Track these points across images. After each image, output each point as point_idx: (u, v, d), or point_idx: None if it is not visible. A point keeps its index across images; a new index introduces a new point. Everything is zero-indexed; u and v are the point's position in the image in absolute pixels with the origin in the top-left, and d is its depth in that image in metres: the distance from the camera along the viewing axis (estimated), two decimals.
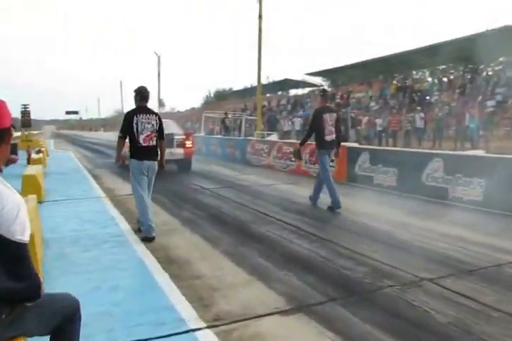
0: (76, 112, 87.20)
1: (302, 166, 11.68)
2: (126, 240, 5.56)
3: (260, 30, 19.62)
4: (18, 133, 23.76)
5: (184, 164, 12.54)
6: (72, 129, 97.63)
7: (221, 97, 65.26)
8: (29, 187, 8.04)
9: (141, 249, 5.20)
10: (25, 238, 1.75)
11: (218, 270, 4.51)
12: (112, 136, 42.92)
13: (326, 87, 46.56)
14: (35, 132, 40.63)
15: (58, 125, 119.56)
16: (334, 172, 10.40)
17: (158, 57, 38.96)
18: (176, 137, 11.87)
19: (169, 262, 4.76)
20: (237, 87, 64.96)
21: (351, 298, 3.79)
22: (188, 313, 3.47)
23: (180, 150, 12.01)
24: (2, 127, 1.80)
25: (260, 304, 3.65)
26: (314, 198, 7.71)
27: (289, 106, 37.10)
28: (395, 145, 18.97)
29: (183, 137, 12.19)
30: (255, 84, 55.05)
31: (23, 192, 8.01)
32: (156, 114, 5.73)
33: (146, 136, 5.57)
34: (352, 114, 22.57)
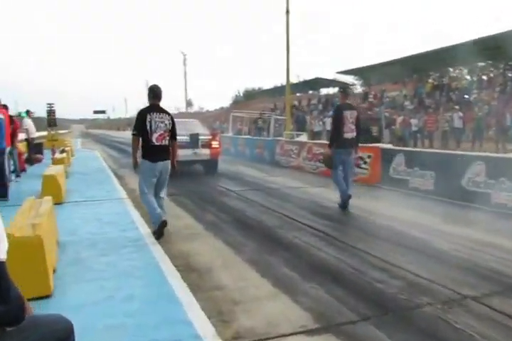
0: (103, 111, 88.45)
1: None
2: (145, 244, 5.38)
3: (288, 25, 19.31)
4: (44, 133, 24.12)
5: (210, 165, 12.35)
6: (100, 128, 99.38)
7: (250, 96, 65.07)
8: (49, 187, 8.00)
9: (159, 254, 5.01)
10: (2, 256, 1.55)
11: (241, 280, 4.28)
12: None
13: (357, 86, 46.03)
14: (63, 131, 41.40)
15: (87, 124, 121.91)
16: (367, 175, 10.08)
17: (184, 56, 39.28)
18: (201, 137, 11.72)
19: (189, 270, 4.56)
20: (267, 86, 64.77)
21: (385, 317, 3.49)
22: (205, 329, 3.25)
23: (206, 151, 11.79)
24: None
25: (285, 321, 3.40)
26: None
27: (320, 106, 36.62)
28: (431, 147, 18.37)
29: (209, 137, 12.00)
30: (285, 83, 54.93)
31: (43, 193, 7.99)
32: (169, 114, 5.71)
33: (160, 135, 5.53)
34: (386, 114, 22.03)
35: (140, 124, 5.51)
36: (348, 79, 41.84)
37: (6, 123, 9.36)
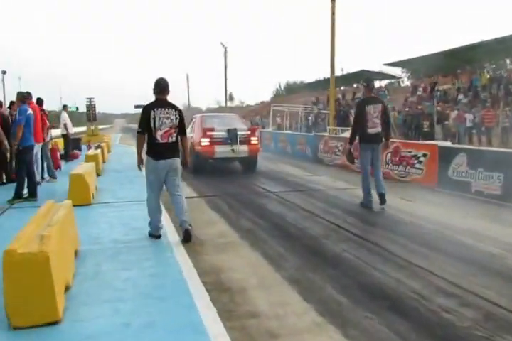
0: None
1: (383, 167, 10.52)
2: (172, 257, 4.83)
3: (333, 13, 18.41)
4: (84, 128, 24.22)
5: (249, 163, 11.75)
6: None
7: (291, 90, 64.37)
8: (76, 187, 7.62)
9: (187, 268, 4.44)
10: None
11: (280, 306, 3.65)
12: None
13: (404, 79, 44.35)
14: (103, 126, 41.88)
15: (128, 119, 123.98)
16: (422, 176, 9.23)
17: (225, 49, 38.70)
18: (239, 133, 11.11)
19: (220, 290, 3.98)
20: (309, 79, 63.79)
21: None
22: None
23: (244, 148, 11.15)
24: None
25: None
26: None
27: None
28: (489, 144, 17.13)
29: (248, 133, 11.35)
30: (328, 76, 53.77)
31: (70, 194, 7.63)
32: (176, 108, 5.44)
33: (165, 132, 5.27)
34: (438, 108, 20.83)
35: (144, 121, 5.26)
36: (396, 71, 40.45)
37: (36, 119, 9.08)
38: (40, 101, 11.19)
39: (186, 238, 5.28)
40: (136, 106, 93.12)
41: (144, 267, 4.50)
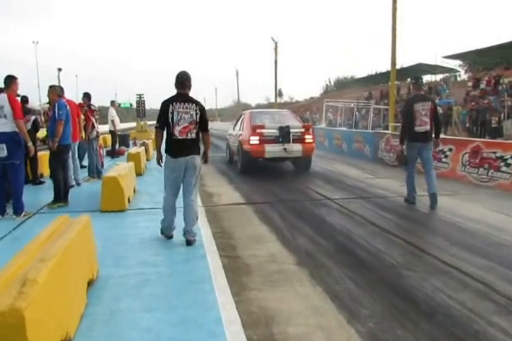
0: None
1: (458, 169, 9.01)
2: (211, 290, 3.66)
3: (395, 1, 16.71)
4: (134, 124, 23.64)
5: (302, 163, 10.59)
6: None
7: (342, 86, 62.69)
8: (109, 192, 6.65)
9: (229, 314, 3.26)
10: None
11: None
12: (228, 125, 42.72)
13: (461, 73, 41.55)
14: (153, 122, 41.65)
15: None
16: (510, 181, 7.69)
17: (276, 44, 37.34)
18: (292, 130, 9.99)
19: None
20: (359, 75, 61.56)
21: None
22: None
23: (298, 147, 9.99)
24: None
25: None
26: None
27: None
28: None
29: (302, 130, 10.22)
30: (380, 70, 51.60)
31: (102, 199, 6.67)
32: (197, 103, 5.03)
33: (184, 128, 4.92)
34: (509, 102, 18.77)
35: (162, 116, 4.93)
36: (452, 64, 37.87)
37: (73, 116, 8.22)
38: (88, 96, 10.40)
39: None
40: None
41: (172, 306, 3.36)
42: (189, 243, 4.91)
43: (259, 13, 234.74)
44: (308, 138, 10.21)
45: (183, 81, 5.00)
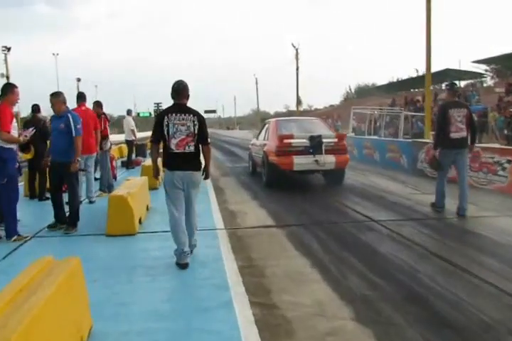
0: (214, 111, 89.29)
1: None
2: None
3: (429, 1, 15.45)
4: (150, 133, 22.76)
5: (334, 176, 9.47)
6: (210, 127, 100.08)
7: (363, 93, 61.73)
8: (116, 213, 5.67)
9: None
10: None
11: None
12: (246, 134, 41.84)
13: (487, 78, 39.99)
14: None
15: None
16: None
17: (296, 50, 36.46)
18: (325, 140, 8.91)
19: None
20: (380, 82, 60.41)
21: None
22: None
23: (331, 158, 8.87)
24: None
25: None
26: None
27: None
28: None
29: (335, 140, 9.14)
30: (401, 77, 50.31)
31: (109, 220, 5.66)
32: (195, 114, 4.63)
33: (180, 141, 4.54)
34: None
35: (157, 129, 4.58)
36: (482, 69, 36.44)
37: (88, 126, 7.32)
38: (100, 105, 9.49)
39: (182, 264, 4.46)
40: (206, 111, 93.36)
41: None
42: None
43: (276, 21, 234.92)
44: (343, 148, 9.19)
45: (179, 90, 4.62)
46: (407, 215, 6.62)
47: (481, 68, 36.06)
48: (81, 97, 7.89)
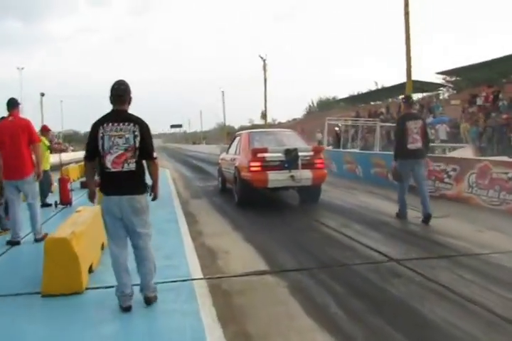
0: (180, 126, 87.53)
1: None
2: None
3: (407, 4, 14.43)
4: None
5: (310, 193, 8.45)
6: (177, 142, 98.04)
7: (325, 107, 61.57)
8: (55, 263, 3.99)
9: None
10: None
11: None
12: (212, 148, 40.18)
13: (443, 90, 39.85)
14: None
15: (165, 138, 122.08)
16: None
17: (264, 61, 35.30)
18: (301, 154, 7.95)
19: None
20: (341, 95, 60.13)
21: None
22: None
23: (308, 174, 7.90)
24: None
25: None
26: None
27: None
28: None
29: (311, 154, 8.16)
30: (361, 91, 50.06)
31: (45, 276, 3.97)
32: (137, 122, 3.57)
33: (117, 157, 3.49)
34: None
35: (90, 143, 3.56)
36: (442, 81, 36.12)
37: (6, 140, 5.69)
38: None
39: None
40: (172, 126, 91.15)
41: None
42: (149, 301, 3.66)
43: (241, 37, 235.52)
44: (320, 163, 8.21)
45: (119, 93, 3.60)
46: (429, 250, 5.14)
47: (446, 80, 35.76)
48: (10, 104, 5.99)
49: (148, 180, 3.74)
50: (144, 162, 3.69)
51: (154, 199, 3.88)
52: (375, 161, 11.34)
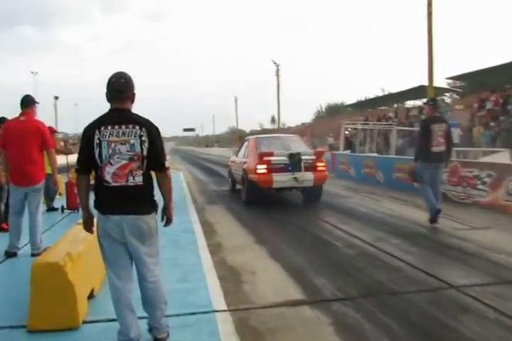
0: (193, 129, 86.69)
1: None
2: None
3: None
4: None
5: (312, 193, 8.75)
6: (189, 145, 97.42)
7: (333, 111, 60.67)
8: (44, 294, 3.11)
9: None
10: None
11: None
12: (225, 151, 39.37)
13: (446, 96, 38.71)
14: None
15: (177, 141, 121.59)
16: None
17: (277, 67, 34.37)
18: (304, 157, 8.31)
19: None
20: (349, 101, 59.17)
21: None
22: None
23: (310, 175, 8.28)
24: None
25: None
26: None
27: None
28: None
29: (313, 157, 8.51)
30: (368, 96, 49.13)
31: (32, 308, 2.99)
32: (144, 125, 2.69)
33: (120, 168, 2.61)
34: None
35: (84, 151, 2.69)
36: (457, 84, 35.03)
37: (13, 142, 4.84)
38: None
39: None
40: (185, 130, 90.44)
41: None
42: None
43: (252, 44, 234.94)
44: (321, 165, 8.56)
45: (120, 88, 2.69)
46: (487, 272, 4.16)
47: (451, 85, 34.68)
48: (24, 102, 5.11)
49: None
50: (153, 173, 2.78)
51: (167, 224, 2.97)
52: (397, 166, 10.35)
